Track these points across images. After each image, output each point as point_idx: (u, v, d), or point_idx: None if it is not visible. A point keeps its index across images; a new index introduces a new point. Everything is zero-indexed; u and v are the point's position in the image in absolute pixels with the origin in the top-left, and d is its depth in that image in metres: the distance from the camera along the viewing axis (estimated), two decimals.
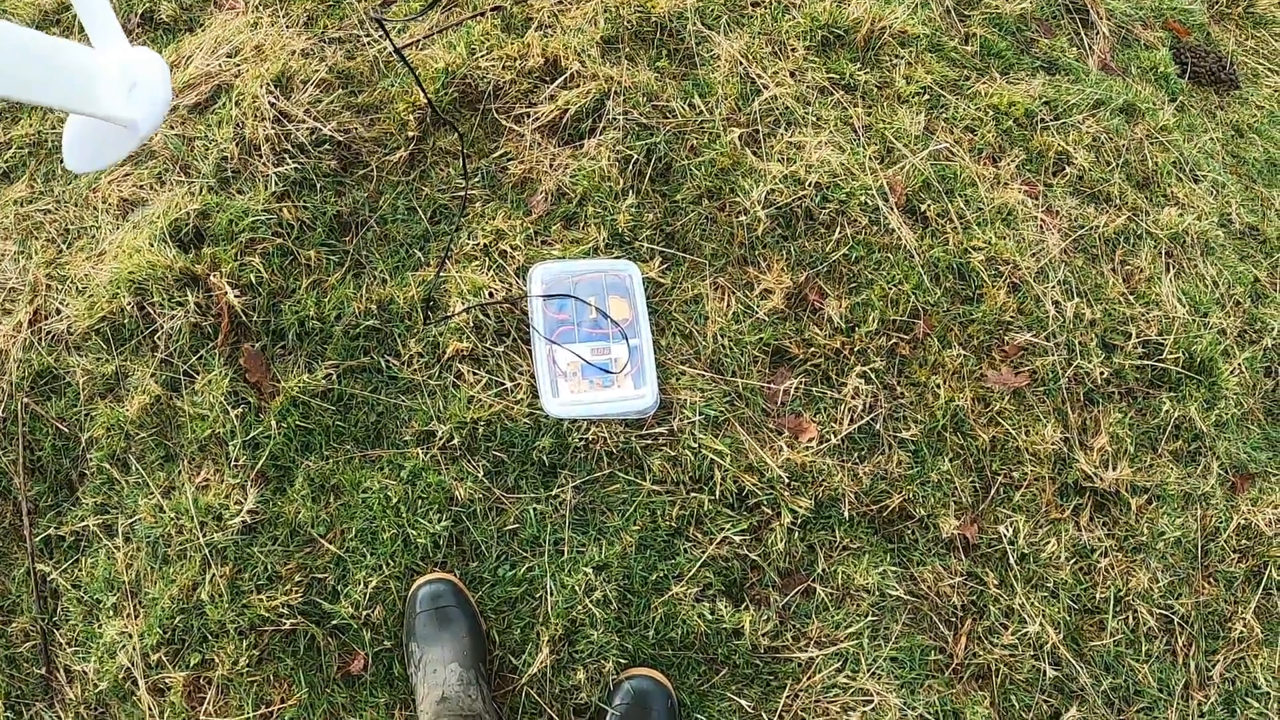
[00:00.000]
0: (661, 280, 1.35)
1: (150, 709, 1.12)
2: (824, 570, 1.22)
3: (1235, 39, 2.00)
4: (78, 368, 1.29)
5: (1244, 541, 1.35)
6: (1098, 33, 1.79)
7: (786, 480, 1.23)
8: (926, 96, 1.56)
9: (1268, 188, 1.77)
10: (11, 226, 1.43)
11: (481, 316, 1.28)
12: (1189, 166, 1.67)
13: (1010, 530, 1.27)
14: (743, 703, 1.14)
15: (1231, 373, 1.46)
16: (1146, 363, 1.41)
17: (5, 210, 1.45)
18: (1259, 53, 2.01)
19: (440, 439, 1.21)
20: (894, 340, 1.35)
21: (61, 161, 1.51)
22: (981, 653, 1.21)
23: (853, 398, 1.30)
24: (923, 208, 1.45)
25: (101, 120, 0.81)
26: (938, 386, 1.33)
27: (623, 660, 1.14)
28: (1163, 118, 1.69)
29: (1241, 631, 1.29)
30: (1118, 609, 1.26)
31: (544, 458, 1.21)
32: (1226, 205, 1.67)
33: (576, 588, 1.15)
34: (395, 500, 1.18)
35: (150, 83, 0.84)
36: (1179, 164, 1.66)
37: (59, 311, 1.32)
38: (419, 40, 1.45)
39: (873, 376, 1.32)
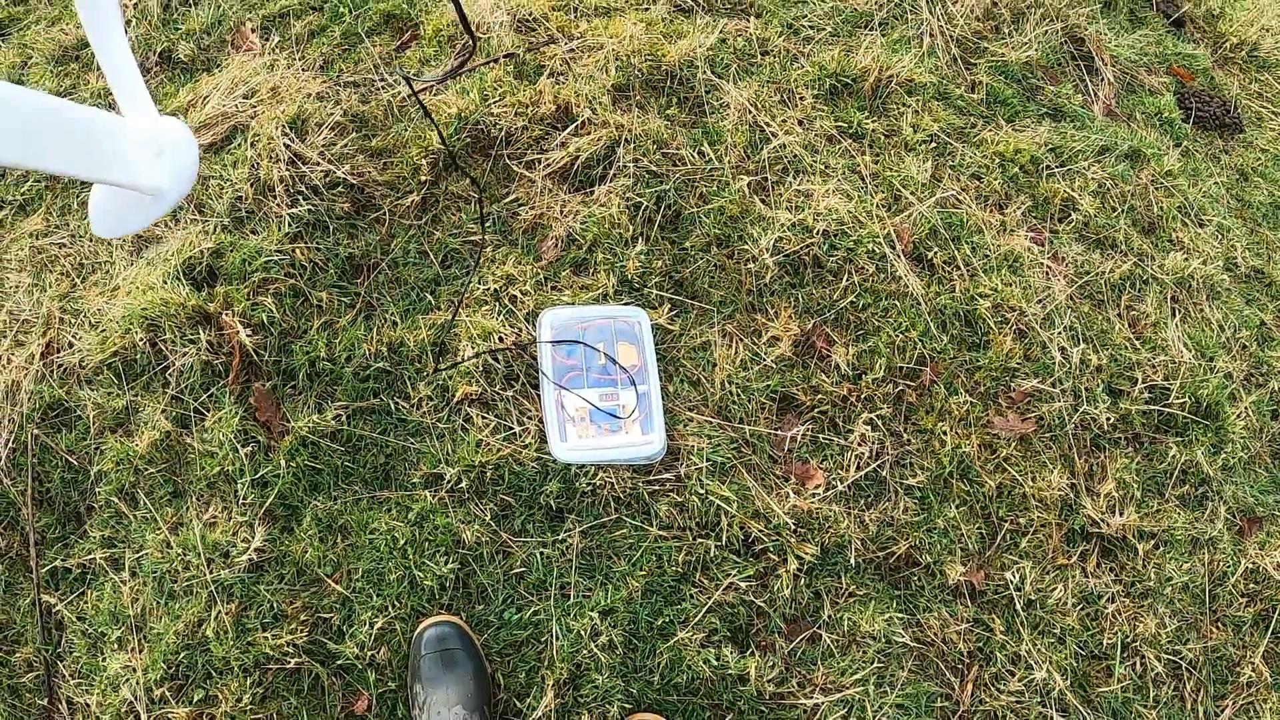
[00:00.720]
0: (670, 327, 1.36)
1: None
2: (830, 617, 1.21)
3: (1239, 83, 2.02)
4: (89, 401, 1.29)
5: (1252, 585, 1.35)
6: (1102, 79, 1.81)
7: (793, 527, 1.23)
8: (933, 144, 1.58)
9: (1273, 231, 1.78)
10: (27, 259, 1.45)
11: (491, 361, 1.29)
12: (1194, 211, 1.68)
13: (1017, 576, 1.27)
14: None
15: (1238, 417, 1.46)
16: (1153, 408, 1.42)
17: (21, 243, 1.47)
18: (1263, 96, 2.03)
19: (448, 482, 1.22)
20: (901, 387, 1.36)
21: (77, 196, 1.53)
22: (988, 699, 1.20)
23: (859, 444, 1.30)
24: (930, 255, 1.46)
25: (128, 189, 0.81)
26: (944, 433, 1.33)
27: (627, 705, 1.14)
28: (1168, 163, 1.70)
29: (1250, 676, 1.28)
30: (1125, 655, 1.25)
31: (551, 502, 1.21)
32: (1232, 249, 1.68)
33: (582, 632, 1.15)
34: (402, 542, 1.18)
35: (177, 151, 0.84)
36: (1184, 209, 1.67)
37: (71, 345, 1.34)
38: (433, 85, 1.47)
39: (879, 423, 1.33)
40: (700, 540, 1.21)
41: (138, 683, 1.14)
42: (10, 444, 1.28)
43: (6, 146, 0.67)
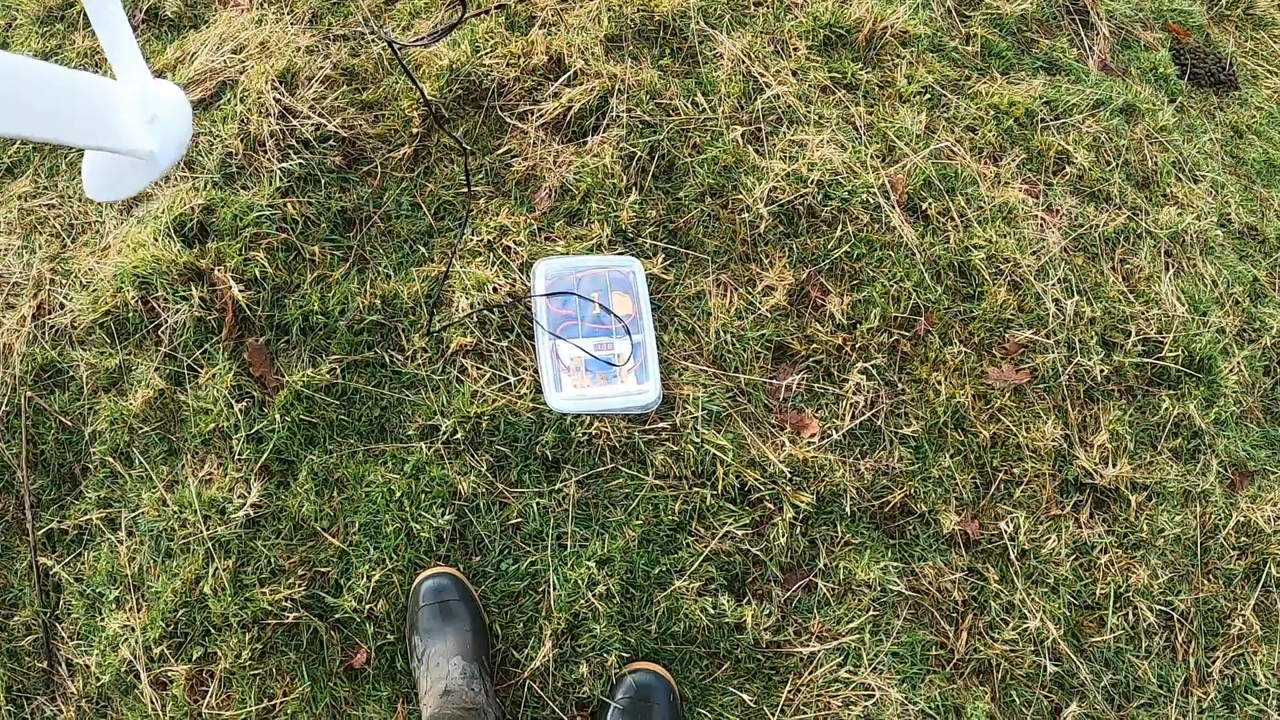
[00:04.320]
0: (664, 276, 1.35)
1: (152, 702, 1.12)
2: (826, 565, 1.22)
3: (1235, 40, 2.01)
4: (81, 362, 1.29)
5: (1243, 539, 1.36)
6: (1098, 34, 1.80)
7: (788, 475, 1.24)
8: (928, 96, 1.58)
9: (1266, 188, 1.78)
10: (15, 221, 1.43)
11: (485, 311, 1.28)
12: (1188, 167, 1.68)
13: (1011, 526, 1.28)
14: (744, 697, 1.14)
15: (1230, 371, 1.46)
16: (1146, 360, 1.42)
17: (9, 205, 1.45)
18: (1258, 54, 2.02)
19: (444, 433, 1.22)
20: (895, 337, 1.36)
21: (65, 156, 1.52)
22: (982, 648, 1.21)
23: (854, 394, 1.31)
24: (924, 206, 1.45)
25: (121, 154, 0.80)
26: (939, 383, 1.33)
27: (625, 654, 1.14)
28: (1162, 118, 1.69)
29: (1241, 628, 1.30)
30: (1118, 605, 1.26)
31: (547, 452, 1.22)
32: (1226, 205, 1.68)
33: (579, 582, 1.15)
34: (399, 494, 1.19)
35: (171, 115, 0.82)
36: (1178, 164, 1.67)
37: (63, 306, 1.33)
38: (424, 40, 1.46)
39: (874, 373, 1.33)
40: (696, 489, 1.22)
41: (137, 642, 1.14)
42: (4, 407, 1.28)
43: (4, 119, 0.65)
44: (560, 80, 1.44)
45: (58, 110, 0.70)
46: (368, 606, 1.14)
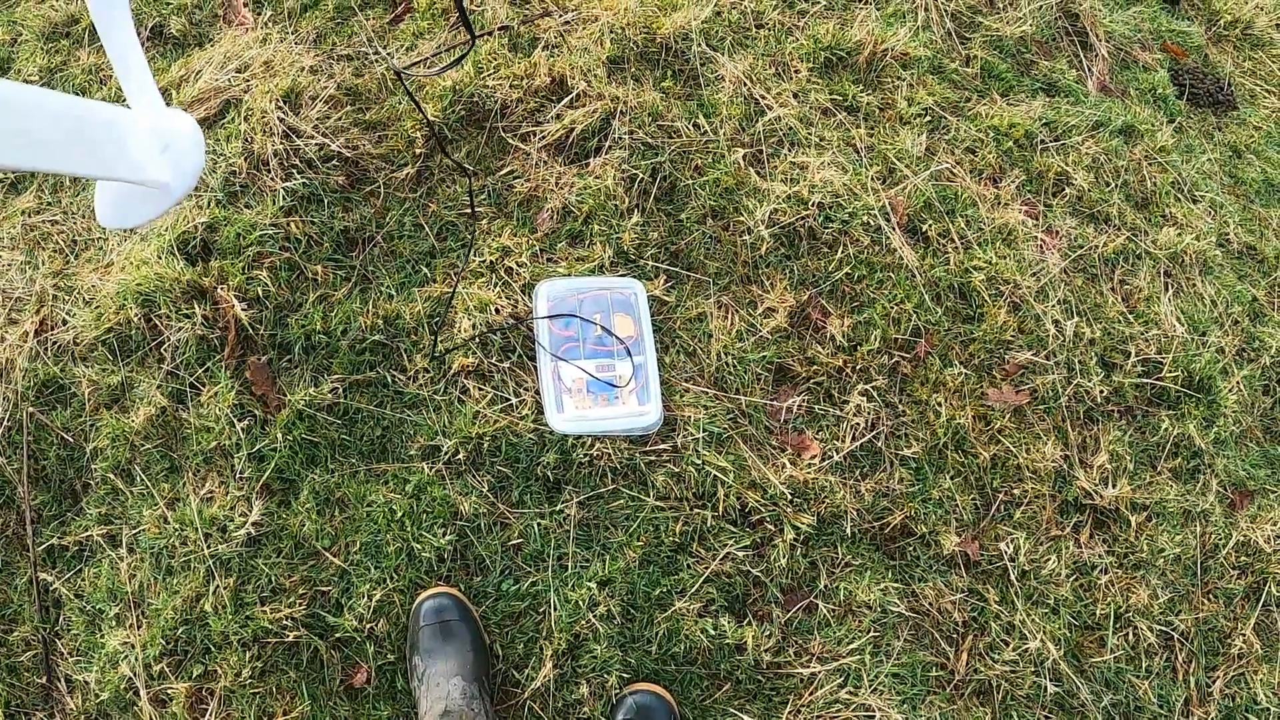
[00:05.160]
0: (666, 298, 1.36)
1: (152, 719, 1.12)
2: (826, 586, 1.22)
3: (1233, 60, 2.02)
4: (83, 378, 1.29)
5: (1243, 558, 1.36)
6: (1097, 55, 1.81)
7: (789, 497, 1.24)
8: (928, 118, 1.58)
9: (1265, 208, 1.79)
10: (19, 236, 1.44)
11: (487, 333, 1.29)
12: (1187, 187, 1.69)
13: (1011, 547, 1.28)
14: (745, 718, 1.14)
15: (1230, 391, 1.47)
16: (1146, 381, 1.43)
17: (13, 220, 1.46)
18: (1256, 74, 2.03)
19: (445, 454, 1.22)
20: (896, 359, 1.36)
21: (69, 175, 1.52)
22: (983, 669, 1.21)
23: (855, 415, 1.31)
24: (924, 228, 1.46)
25: (134, 184, 0.80)
26: (939, 404, 1.34)
27: (626, 675, 1.14)
28: (1161, 139, 1.70)
29: (1241, 647, 1.29)
30: (1118, 625, 1.27)
31: (548, 473, 1.22)
32: (1224, 225, 1.69)
33: (580, 602, 1.16)
34: (400, 514, 1.19)
35: (184, 145, 0.82)
36: (1177, 184, 1.68)
37: (65, 322, 1.33)
38: (427, 59, 1.47)
39: (875, 394, 1.33)
40: (697, 510, 1.22)
41: (136, 659, 1.14)
42: (5, 422, 1.28)
43: (17, 152, 0.65)
44: (563, 102, 1.45)
45: (75, 144, 0.70)
46: (368, 626, 1.14)
